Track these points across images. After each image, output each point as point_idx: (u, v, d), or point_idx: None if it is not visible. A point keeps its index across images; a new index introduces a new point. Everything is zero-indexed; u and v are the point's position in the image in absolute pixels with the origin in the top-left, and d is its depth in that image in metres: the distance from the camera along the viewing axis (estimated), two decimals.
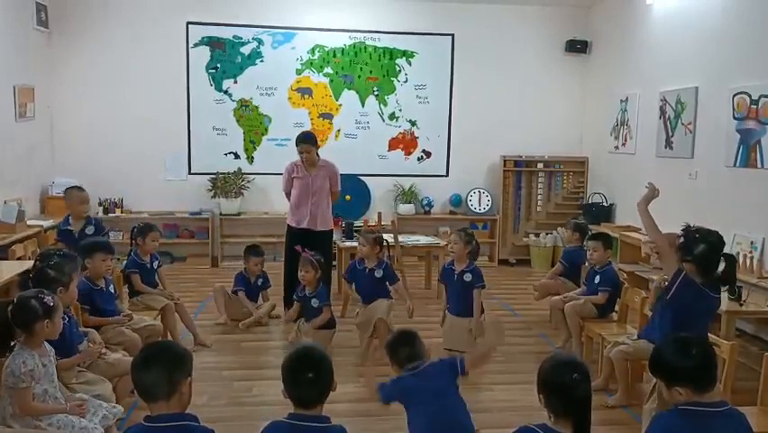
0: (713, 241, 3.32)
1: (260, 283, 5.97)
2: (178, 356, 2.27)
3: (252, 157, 8.36)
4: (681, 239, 3.36)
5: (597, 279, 5.05)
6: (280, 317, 5.77)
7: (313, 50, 8.32)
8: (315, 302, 5.00)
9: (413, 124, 8.62)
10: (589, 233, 5.84)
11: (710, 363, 2.42)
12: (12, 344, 2.96)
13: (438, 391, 2.92)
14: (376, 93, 8.51)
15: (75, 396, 3.15)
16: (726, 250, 5.16)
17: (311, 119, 8.36)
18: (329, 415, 2.39)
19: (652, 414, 3.11)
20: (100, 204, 7.95)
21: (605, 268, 5.07)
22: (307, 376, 2.30)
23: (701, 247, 3.27)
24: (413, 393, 2.94)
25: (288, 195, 5.91)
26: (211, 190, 8.12)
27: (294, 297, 5.22)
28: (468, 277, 4.84)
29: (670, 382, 2.42)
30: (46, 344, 3.09)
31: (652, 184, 3.43)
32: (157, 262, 5.23)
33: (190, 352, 2.37)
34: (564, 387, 2.24)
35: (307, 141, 5.68)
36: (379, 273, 5.07)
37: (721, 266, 3.43)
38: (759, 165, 5.44)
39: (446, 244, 6.84)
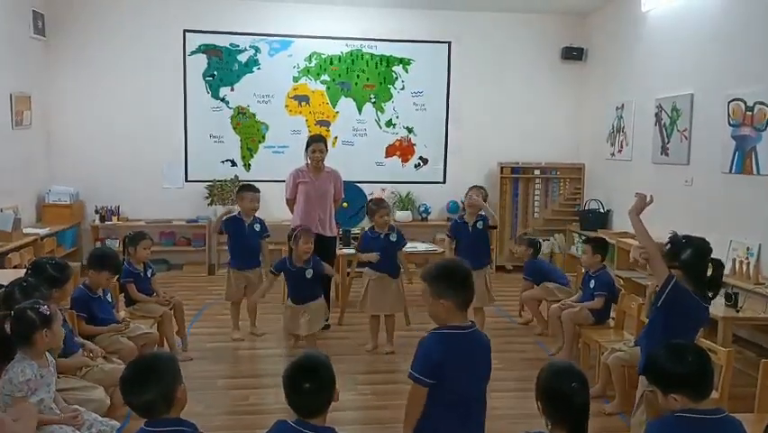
0: (699, 246, 3.31)
1: (257, 229, 5.62)
2: (167, 369, 2.25)
3: (249, 164, 8.36)
4: (668, 246, 3.37)
5: (592, 283, 5.07)
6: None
7: (310, 58, 8.34)
8: (309, 273, 4.95)
9: (410, 131, 8.64)
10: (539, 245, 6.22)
11: (707, 371, 2.42)
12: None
13: (484, 365, 2.63)
14: (373, 100, 8.52)
15: (70, 407, 3.13)
16: (723, 256, 5.19)
17: (308, 126, 8.36)
18: (333, 426, 2.37)
19: (641, 427, 3.11)
20: (96, 212, 7.94)
21: (599, 272, 5.09)
22: (305, 386, 2.28)
23: (688, 252, 3.27)
24: (456, 358, 2.52)
25: (290, 202, 5.87)
26: (208, 198, 8.11)
27: (272, 270, 5.09)
28: (480, 225, 5.41)
29: (666, 388, 2.42)
30: (48, 354, 3.08)
31: (641, 194, 3.44)
32: (151, 270, 5.20)
33: (175, 358, 2.36)
34: (563, 395, 2.24)
35: (321, 140, 5.78)
36: (394, 237, 5.29)
37: (709, 272, 3.42)
38: (754, 171, 5.45)
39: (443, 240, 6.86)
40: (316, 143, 5.71)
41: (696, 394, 2.37)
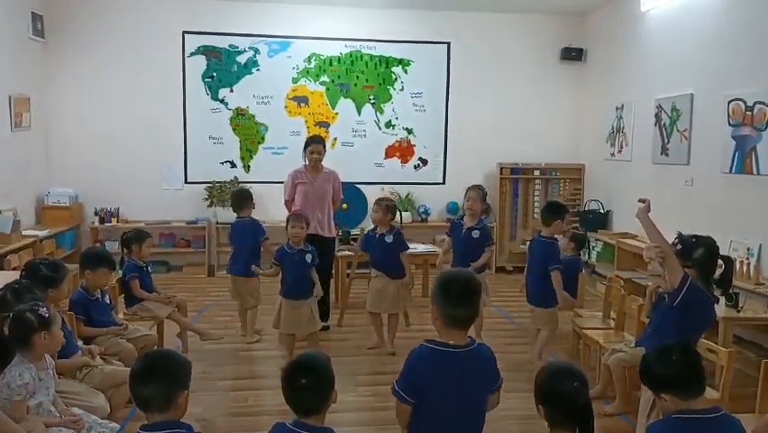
0: (710, 245, 3.33)
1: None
2: (176, 370, 2.25)
3: (249, 166, 8.35)
4: (679, 245, 3.36)
5: (476, 234, 5.15)
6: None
7: (309, 59, 8.33)
8: (309, 257, 4.93)
9: (409, 132, 8.63)
10: (587, 243, 5.85)
11: (693, 369, 2.41)
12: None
13: (477, 379, 2.44)
14: (372, 101, 8.52)
15: (70, 410, 3.12)
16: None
17: (307, 127, 8.36)
18: (332, 427, 2.37)
19: None
20: (96, 213, 7.93)
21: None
22: (302, 382, 2.27)
23: (700, 251, 3.28)
24: (442, 380, 2.37)
25: (288, 204, 5.88)
26: (207, 199, 8.11)
27: (274, 259, 5.04)
28: (476, 234, 5.22)
29: (657, 390, 2.45)
30: (47, 356, 3.07)
31: (646, 199, 3.45)
32: (149, 266, 5.22)
33: (189, 363, 2.34)
34: (565, 396, 2.22)
35: (319, 141, 5.82)
36: (389, 239, 5.23)
37: (718, 271, 3.43)
38: (754, 171, 5.45)
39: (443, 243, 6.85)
40: (314, 144, 5.75)
41: (684, 393, 2.37)
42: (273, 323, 4.96)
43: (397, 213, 5.59)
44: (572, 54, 8.62)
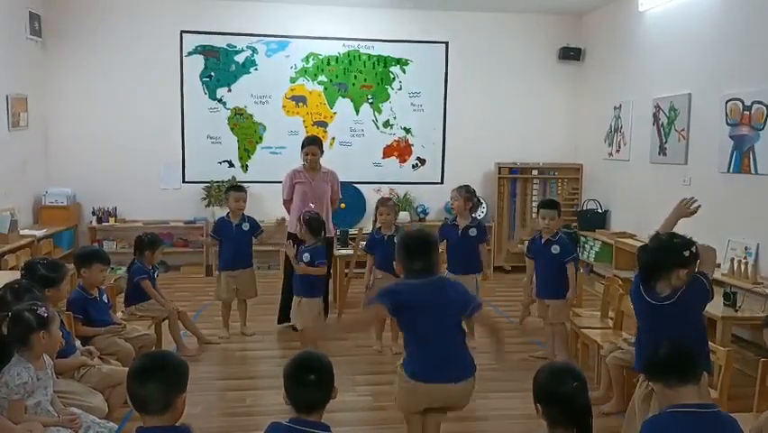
0: (660, 239, 3.22)
1: (245, 228, 5.58)
2: (175, 372, 2.23)
3: (247, 165, 8.35)
4: None
5: (473, 231, 5.23)
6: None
7: (307, 59, 8.33)
8: (306, 256, 4.91)
9: (407, 131, 8.63)
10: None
11: (675, 357, 2.46)
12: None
13: (441, 308, 2.95)
14: (370, 101, 8.51)
15: (68, 409, 3.11)
16: (721, 256, 5.16)
17: (305, 127, 8.35)
18: (328, 423, 2.37)
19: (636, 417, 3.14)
20: (93, 213, 7.92)
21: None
22: (309, 378, 2.30)
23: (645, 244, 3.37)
24: (413, 302, 2.94)
25: (286, 203, 5.88)
26: (205, 199, 8.10)
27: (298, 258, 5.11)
28: (473, 232, 5.24)
29: (649, 378, 2.61)
30: (45, 357, 3.06)
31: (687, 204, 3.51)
32: (156, 271, 5.26)
33: (187, 365, 2.33)
34: (564, 397, 2.21)
35: (314, 143, 5.80)
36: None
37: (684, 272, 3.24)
38: (752, 171, 5.45)
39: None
40: (309, 146, 5.74)
41: (668, 381, 2.42)
42: None
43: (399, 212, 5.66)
44: (571, 54, 8.62)
